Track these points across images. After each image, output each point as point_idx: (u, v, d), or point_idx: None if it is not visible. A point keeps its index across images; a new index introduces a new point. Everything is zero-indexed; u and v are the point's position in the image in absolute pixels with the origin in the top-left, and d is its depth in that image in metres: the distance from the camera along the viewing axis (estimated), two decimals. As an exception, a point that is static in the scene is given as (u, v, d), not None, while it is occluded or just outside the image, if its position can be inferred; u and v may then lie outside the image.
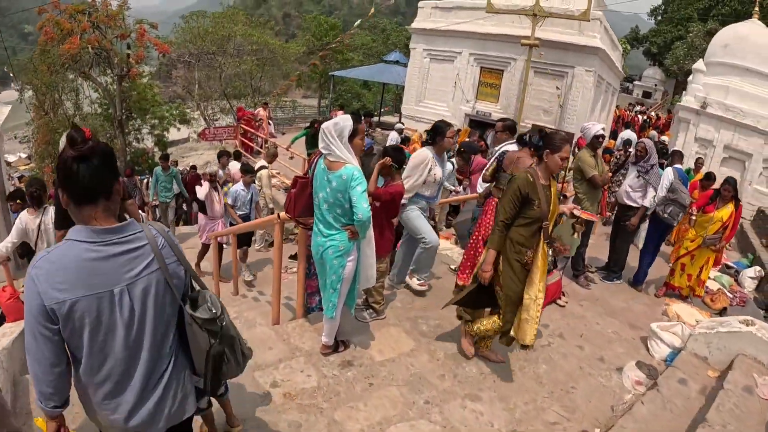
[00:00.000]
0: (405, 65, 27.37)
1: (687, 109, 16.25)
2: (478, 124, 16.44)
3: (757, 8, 17.98)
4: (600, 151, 7.20)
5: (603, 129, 7.35)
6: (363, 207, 3.68)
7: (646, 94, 44.69)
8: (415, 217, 5.34)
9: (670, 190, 7.04)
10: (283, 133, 22.94)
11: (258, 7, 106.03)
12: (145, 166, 24.11)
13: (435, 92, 17.59)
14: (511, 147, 5.47)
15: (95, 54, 18.86)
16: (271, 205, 9.79)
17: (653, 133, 22.43)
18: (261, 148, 17.34)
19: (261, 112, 18.66)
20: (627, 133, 16.54)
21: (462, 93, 16.94)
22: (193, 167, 14.21)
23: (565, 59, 15.34)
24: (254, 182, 8.46)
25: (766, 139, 15.09)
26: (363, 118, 14.44)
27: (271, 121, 18.71)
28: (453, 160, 11.58)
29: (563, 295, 6.22)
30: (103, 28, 18.58)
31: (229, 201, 7.83)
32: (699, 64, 16.82)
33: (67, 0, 19.10)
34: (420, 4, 18.08)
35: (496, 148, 5.75)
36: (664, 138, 18.10)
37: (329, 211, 3.85)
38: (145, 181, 14.94)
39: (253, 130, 17.72)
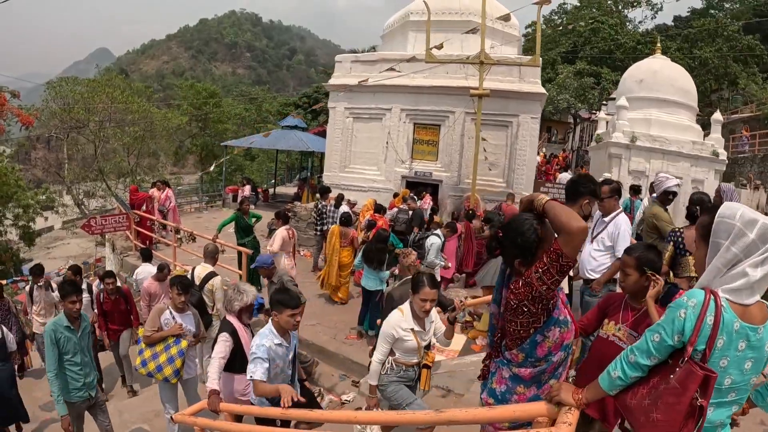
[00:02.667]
0: (304, 129, 25.29)
1: (617, 144, 16.18)
2: (417, 186, 14.31)
3: (659, 44, 18.99)
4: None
5: (678, 185, 6.01)
6: None
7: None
8: None
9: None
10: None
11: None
12: (10, 264, 19.35)
13: (363, 155, 15.12)
14: (623, 216, 4.74)
15: (-55, 129, 14.45)
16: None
17: (564, 174, 21.36)
18: (166, 237, 13.91)
19: (155, 192, 15.34)
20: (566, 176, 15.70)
21: (396, 153, 14.66)
22: (109, 275, 7.75)
23: (507, 108, 13.73)
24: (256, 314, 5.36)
25: (691, 162, 16.00)
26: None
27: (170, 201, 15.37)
28: (439, 232, 9.33)
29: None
30: (-45, 97, 14.25)
31: (259, 375, 3.76)
32: (622, 101, 16.96)
33: None
34: (337, 57, 15.68)
35: (607, 219, 4.76)
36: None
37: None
38: (26, 289, 9.54)
39: (152, 217, 14.22)
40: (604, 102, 27.55)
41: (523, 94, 13.69)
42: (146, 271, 8.21)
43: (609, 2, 41.79)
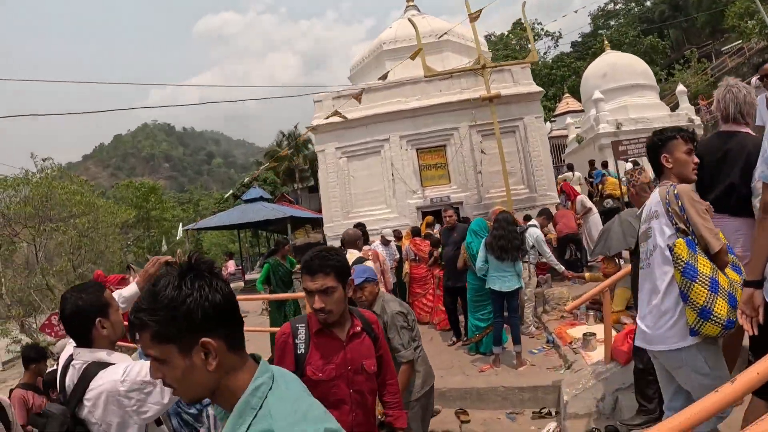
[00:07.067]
0: (268, 200, 23.45)
1: (606, 134, 15.91)
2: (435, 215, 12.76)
3: (607, 42, 19.79)
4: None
5: None
6: None
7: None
8: None
9: None
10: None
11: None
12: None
13: (366, 195, 13.37)
14: None
15: None
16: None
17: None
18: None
19: (132, 278, 12.87)
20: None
21: (404, 184, 13.08)
22: None
23: (511, 113, 12.66)
24: None
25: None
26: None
27: None
28: (534, 222, 7.78)
29: None
30: None
31: None
32: (596, 95, 16.48)
33: None
34: (315, 97, 13.84)
35: None
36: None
37: None
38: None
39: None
40: (552, 119, 27.62)
41: (522, 95, 12.74)
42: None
43: (513, 42, 43.50)
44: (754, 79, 7.75)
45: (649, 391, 3.97)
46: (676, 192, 2.46)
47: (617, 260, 7.32)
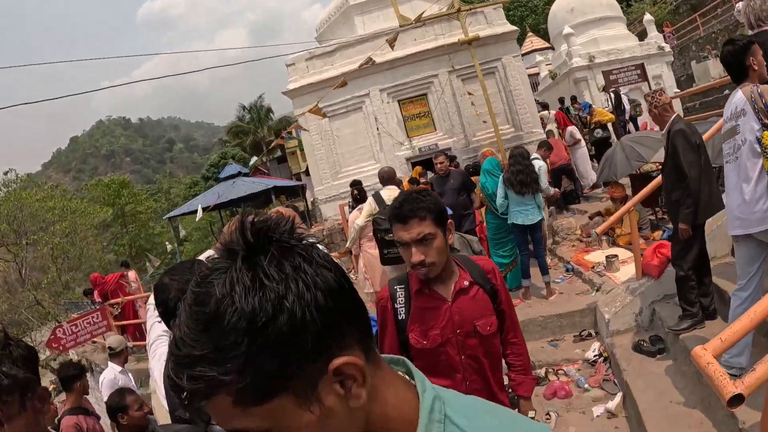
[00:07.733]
0: (246, 174, 22.84)
1: (579, 68, 15.84)
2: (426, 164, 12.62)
3: None
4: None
5: None
6: None
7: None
8: None
9: None
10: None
11: None
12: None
13: (353, 153, 13.13)
14: None
15: None
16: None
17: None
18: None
19: (131, 274, 12.41)
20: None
21: (390, 137, 12.88)
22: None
23: (488, 54, 12.47)
24: None
25: (646, 62, 15.42)
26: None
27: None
28: (536, 155, 7.66)
29: None
30: None
31: None
32: (567, 30, 16.26)
33: None
34: (288, 60, 13.36)
35: None
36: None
37: None
38: None
39: (140, 294, 11.15)
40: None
41: (498, 36, 12.59)
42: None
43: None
44: (740, 4, 7.82)
45: (691, 296, 4.06)
46: (760, 91, 2.78)
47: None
